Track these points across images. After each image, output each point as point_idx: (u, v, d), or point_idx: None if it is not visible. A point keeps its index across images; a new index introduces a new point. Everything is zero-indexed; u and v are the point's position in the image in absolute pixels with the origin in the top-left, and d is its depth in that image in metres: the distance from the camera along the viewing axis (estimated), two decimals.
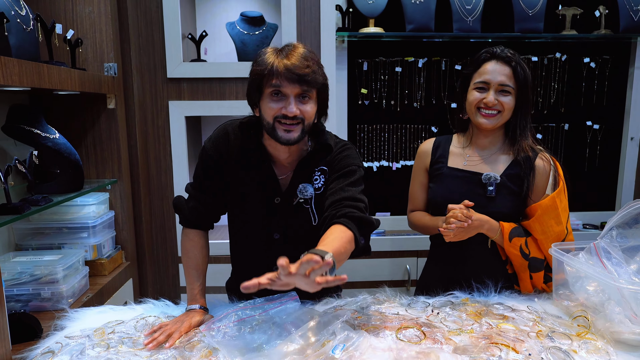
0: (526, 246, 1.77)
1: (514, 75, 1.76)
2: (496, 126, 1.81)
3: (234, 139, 1.64)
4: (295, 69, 1.44)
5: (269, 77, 1.46)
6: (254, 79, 1.51)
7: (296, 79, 1.45)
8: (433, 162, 1.94)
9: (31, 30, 1.85)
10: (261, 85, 1.49)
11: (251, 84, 1.53)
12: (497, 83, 1.76)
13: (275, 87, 1.46)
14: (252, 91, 1.54)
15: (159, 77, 2.72)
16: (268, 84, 1.47)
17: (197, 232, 1.71)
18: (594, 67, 3.06)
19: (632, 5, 2.84)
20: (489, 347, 1.31)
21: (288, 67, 1.44)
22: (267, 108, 1.50)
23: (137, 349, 1.35)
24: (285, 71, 1.44)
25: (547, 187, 1.80)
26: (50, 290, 1.86)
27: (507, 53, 1.79)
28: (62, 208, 2.22)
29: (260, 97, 1.52)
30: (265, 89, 1.49)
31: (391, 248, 2.91)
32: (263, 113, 1.52)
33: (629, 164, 3.15)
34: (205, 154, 1.65)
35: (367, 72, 2.97)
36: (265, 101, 1.50)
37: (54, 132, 2.01)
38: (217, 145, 1.64)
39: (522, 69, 1.77)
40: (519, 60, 1.78)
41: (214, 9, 3.03)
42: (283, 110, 1.47)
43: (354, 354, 1.23)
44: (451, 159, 1.91)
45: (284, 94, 1.47)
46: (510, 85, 1.76)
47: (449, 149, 1.93)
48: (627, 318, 1.39)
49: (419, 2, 2.74)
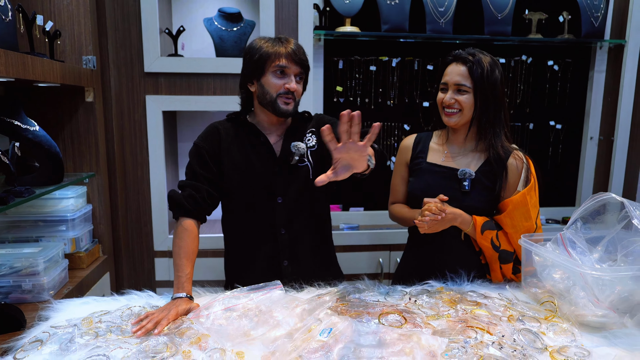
0: (497, 239, 1.84)
1: (469, 74, 1.81)
2: (459, 124, 1.87)
3: (224, 129, 1.87)
4: (298, 54, 1.77)
5: (275, 58, 1.74)
6: (258, 59, 1.76)
7: (298, 61, 1.77)
8: (413, 157, 2.00)
9: (10, 20, 1.83)
10: (265, 65, 1.75)
11: (255, 63, 1.77)
12: (453, 83, 1.83)
13: (281, 67, 1.75)
14: (254, 70, 1.78)
15: (136, 71, 2.72)
16: (274, 64, 1.75)
17: (192, 221, 1.77)
18: (557, 69, 3.20)
19: (593, 12, 2.99)
20: (465, 330, 1.38)
21: (293, 51, 1.76)
22: (271, 84, 1.77)
23: (126, 336, 1.36)
24: (290, 54, 1.75)
25: (518, 184, 1.87)
26: (32, 282, 1.84)
27: (466, 54, 1.84)
28: (40, 201, 2.19)
29: (262, 74, 1.77)
30: (269, 69, 1.76)
31: (365, 242, 2.98)
32: (267, 88, 1.78)
33: (588, 162, 3.30)
34: (198, 149, 1.84)
35: (343, 70, 3.02)
36: (268, 78, 1.77)
37: (33, 125, 1.99)
38: (209, 139, 1.85)
39: (480, 68, 1.80)
40: (478, 60, 1.81)
41: (191, 4, 3.03)
42: (286, 85, 1.76)
43: (339, 338, 1.28)
44: (430, 154, 1.97)
45: (286, 73, 1.76)
46: (466, 84, 1.81)
47: (428, 145, 2.00)
48: (590, 302, 1.47)
49: (394, 3, 2.81)
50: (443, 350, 1.28)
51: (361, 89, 3.06)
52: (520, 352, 1.29)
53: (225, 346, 1.30)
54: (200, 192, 1.79)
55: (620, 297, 1.47)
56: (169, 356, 1.26)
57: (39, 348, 1.30)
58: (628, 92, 3.07)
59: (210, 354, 1.26)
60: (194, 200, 1.77)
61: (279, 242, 1.86)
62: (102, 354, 1.25)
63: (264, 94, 1.79)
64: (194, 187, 1.79)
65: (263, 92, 1.79)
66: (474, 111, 1.85)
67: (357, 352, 1.25)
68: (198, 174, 1.81)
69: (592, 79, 3.23)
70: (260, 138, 1.86)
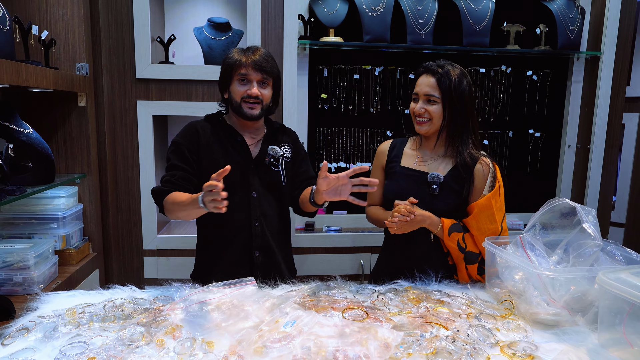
0: (463, 241, 1.92)
1: (438, 85, 1.90)
2: (429, 132, 1.96)
3: (202, 128, 2.02)
4: (258, 62, 1.93)
5: (238, 67, 1.93)
6: (226, 69, 1.97)
7: (258, 69, 1.93)
8: (388, 161, 2.09)
9: (7, 30, 1.94)
10: (231, 74, 1.95)
11: (223, 73, 1.99)
12: (423, 93, 1.94)
13: (242, 75, 1.93)
14: (223, 79, 1.99)
15: (128, 78, 2.82)
16: (237, 72, 1.93)
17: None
18: (536, 79, 3.30)
19: (569, 25, 3.10)
20: (423, 325, 1.47)
21: (253, 60, 1.92)
22: (235, 90, 1.96)
23: (107, 323, 1.46)
24: (251, 62, 1.92)
25: (484, 188, 1.95)
26: (22, 275, 1.95)
27: (436, 66, 1.93)
28: (33, 200, 2.30)
29: (230, 83, 1.96)
30: (234, 77, 1.94)
31: (347, 244, 3.07)
32: (232, 94, 1.97)
33: (566, 169, 3.39)
34: (178, 145, 1.99)
35: (327, 78, 3.11)
36: (234, 85, 1.96)
37: (27, 128, 2.11)
38: (188, 136, 2.00)
39: (448, 79, 1.89)
40: (446, 72, 1.90)
41: (182, 14, 3.14)
42: (248, 91, 1.93)
43: (302, 329, 1.37)
44: (404, 159, 2.06)
45: (249, 80, 1.94)
46: (435, 95, 1.91)
47: (403, 150, 2.09)
48: (545, 301, 1.56)
49: (376, 15, 2.91)
50: (398, 342, 1.36)
51: (345, 96, 3.15)
52: (472, 346, 1.38)
53: (197, 336, 1.40)
54: (175, 176, 1.93)
55: (573, 297, 1.55)
56: (144, 344, 1.35)
57: (25, 335, 1.40)
58: (603, 102, 3.16)
59: (181, 342, 1.36)
60: (171, 183, 1.92)
61: (252, 234, 2.01)
62: (82, 341, 1.35)
63: (231, 100, 1.99)
64: (172, 175, 1.94)
65: (231, 98, 1.99)
66: (443, 120, 1.93)
67: (317, 342, 1.34)
68: (176, 166, 1.96)
69: (569, 89, 3.32)
70: (237, 138, 2.02)
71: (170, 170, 1.97)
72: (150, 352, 1.32)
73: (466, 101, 1.92)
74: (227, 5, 3.16)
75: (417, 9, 2.95)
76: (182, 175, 1.94)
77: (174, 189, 1.90)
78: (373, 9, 2.91)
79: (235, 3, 3.15)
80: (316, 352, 1.30)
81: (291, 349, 1.31)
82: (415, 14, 2.93)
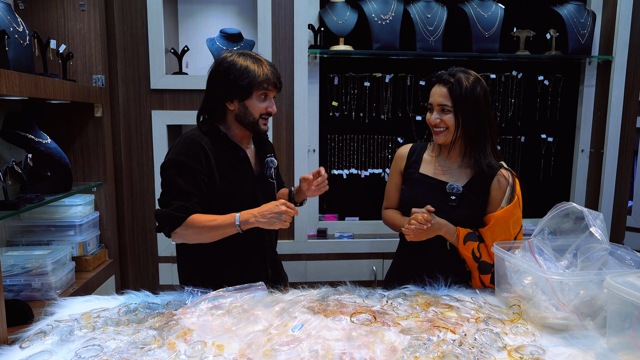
0: (478, 250, 1.92)
1: (449, 94, 1.89)
2: (447, 141, 1.95)
3: (206, 144, 1.85)
4: (279, 79, 1.88)
5: (262, 83, 1.81)
6: (248, 84, 1.80)
7: (278, 87, 1.89)
8: (407, 166, 2.09)
9: (27, 45, 2.01)
10: (252, 89, 1.81)
11: (241, 87, 1.81)
12: (437, 103, 1.93)
13: (266, 92, 1.84)
14: (236, 91, 1.82)
15: (142, 88, 2.89)
16: (260, 87, 1.82)
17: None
18: (548, 84, 3.29)
19: (580, 29, 3.09)
20: (430, 329, 1.48)
21: (276, 77, 1.86)
22: (255, 106, 1.85)
23: (121, 327, 1.51)
24: (274, 80, 1.85)
25: (502, 201, 1.92)
26: (40, 281, 2.01)
27: (448, 75, 1.91)
28: (51, 208, 2.37)
29: (247, 96, 1.83)
30: (256, 91, 1.82)
31: (360, 250, 3.09)
32: (250, 109, 1.85)
33: (580, 173, 3.37)
34: (185, 166, 1.79)
35: (338, 86, 3.15)
36: (253, 101, 1.84)
37: (46, 138, 2.17)
38: (194, 155, 1.81)
39: (459, 88, 1.87)
40: (458, 80, 1.88)
41: (195, 25, 3.20)
42: (269, 108, 1.87)
43: (310, 333, 1.40)
44: (423, 165, 2.05)
45: (269, 97, 1.87)
46: (448, 104, 1.90)
47: (422, 156, 2.08)
48: (553, 306, 1.55)
49: (385, 23, 2.94)
50: (405, 346, 1.38)
51: (356, 103, 3.18)
52: (479, 349, 1.39)
53: (207, 340, 1.43)
54: (190, 201, 1.78)
55: (583, 301, 1.54)
56: (156, 347, 1.39)
57: (42, 339, 1.45)
58: (616, 106, 3.14)
59: (192, 345, 1.39)
60: (185, 209, 1.77)
61: (264, 247, 2.00)
62: (97, 344, 1.39)
63: (245, 115, 1.86)
64: (184, 199, 1.78)
65: (245, 112, 1.85)
66: (456, 128, 1.92)
67: (324, 345, 1.37)
68: (186, 191, 1.79)
69: (582, 93, 3.31)
70: (240, 152, 1.92)
71: (175, 191, 1.79)
72: (162, 355, 1.35)
73: (480, 107, 1.90)
74: (238, 16, 3.21)
75: (426, 16, 2.97)
76: (198, 202, 1.80)
77: (189, 215, 1.78)
78: (382, 17, 2.95)
79: (247, 14, 3.21)
80: (323, 355, 1.32)
81: (299, 351, 1.33)
82: (424, 21, 2.96)
